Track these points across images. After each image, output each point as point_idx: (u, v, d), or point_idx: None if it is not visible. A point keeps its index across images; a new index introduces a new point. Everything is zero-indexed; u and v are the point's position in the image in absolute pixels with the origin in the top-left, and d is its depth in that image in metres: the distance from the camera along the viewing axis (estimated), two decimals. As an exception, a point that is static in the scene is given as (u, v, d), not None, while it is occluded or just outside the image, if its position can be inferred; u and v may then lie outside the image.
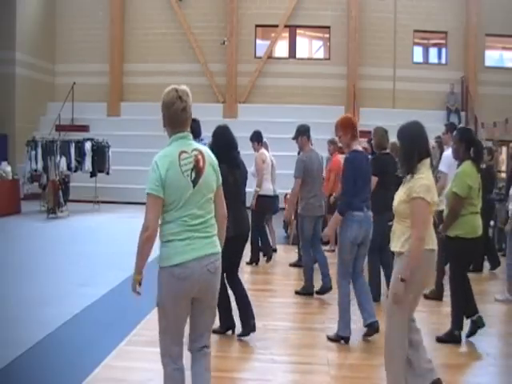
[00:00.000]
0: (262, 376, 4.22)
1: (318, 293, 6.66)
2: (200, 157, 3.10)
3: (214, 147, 4.26)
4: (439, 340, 4.98)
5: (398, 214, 3.69)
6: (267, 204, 8.64)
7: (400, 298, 3.52)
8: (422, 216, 3.54)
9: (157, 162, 3.00)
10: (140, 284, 3.09)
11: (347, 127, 5.13)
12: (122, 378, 4.19)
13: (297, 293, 6.73)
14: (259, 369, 4.40)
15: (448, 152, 6.19)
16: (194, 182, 3.04)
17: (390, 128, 6.85)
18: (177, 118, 3.07)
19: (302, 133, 6.95)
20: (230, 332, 5.14)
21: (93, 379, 4.10)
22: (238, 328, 5.09)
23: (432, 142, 7.30)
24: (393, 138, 6.87)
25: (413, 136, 3.69)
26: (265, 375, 4.27)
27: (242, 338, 5.03)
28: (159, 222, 3.04)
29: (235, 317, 5.13)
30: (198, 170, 3.06)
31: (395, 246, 3.68)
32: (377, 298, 6.16)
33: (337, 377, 4.32)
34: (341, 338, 5.03)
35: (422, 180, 3.58)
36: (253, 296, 5.53)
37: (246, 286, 5.41)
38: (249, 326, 5.02)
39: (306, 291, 6.70)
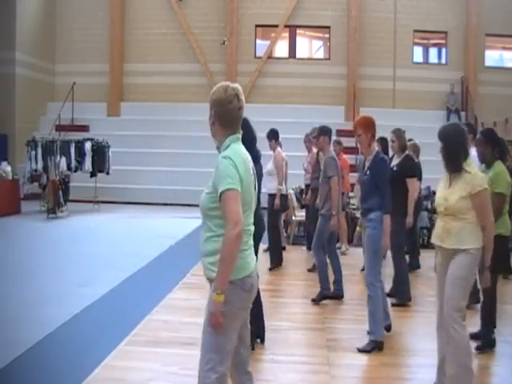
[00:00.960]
0: (262, 376, 4.22)
1: (328, 298, 6.49)
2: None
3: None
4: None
5: (456, 211, 3.74)
6: (282, 203, 8.57)
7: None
8: (490, 205, 3.75)
9: (232, 158, 2.72)
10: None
11: (368, 127, 4.98)
12: (121, 378, 4.19)
13: (313, 300, 6.36)
14: (259, 369, 4.39)
15: (474, 153, 6.15)
16: (254, 186, 2.92)
17: (391, 128, 6.87)
18: (232, 116, 2.83)
19: (324, 132, 6.75)
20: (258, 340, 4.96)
21: (92, 379, 4.10)
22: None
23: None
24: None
25: (457, 136, 3.87)
26: (265, 375, 4.27)
27: None
28: (222, 231, 2.69)
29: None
30: (254, 173, 2.95)
31: (454, 243, 3.74)
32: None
33: (337, 377, 4.31)
34: (377, 345, 4.80)
35: (478, 173, 3.81)
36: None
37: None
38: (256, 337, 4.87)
39: (322, 296, 6.36)
